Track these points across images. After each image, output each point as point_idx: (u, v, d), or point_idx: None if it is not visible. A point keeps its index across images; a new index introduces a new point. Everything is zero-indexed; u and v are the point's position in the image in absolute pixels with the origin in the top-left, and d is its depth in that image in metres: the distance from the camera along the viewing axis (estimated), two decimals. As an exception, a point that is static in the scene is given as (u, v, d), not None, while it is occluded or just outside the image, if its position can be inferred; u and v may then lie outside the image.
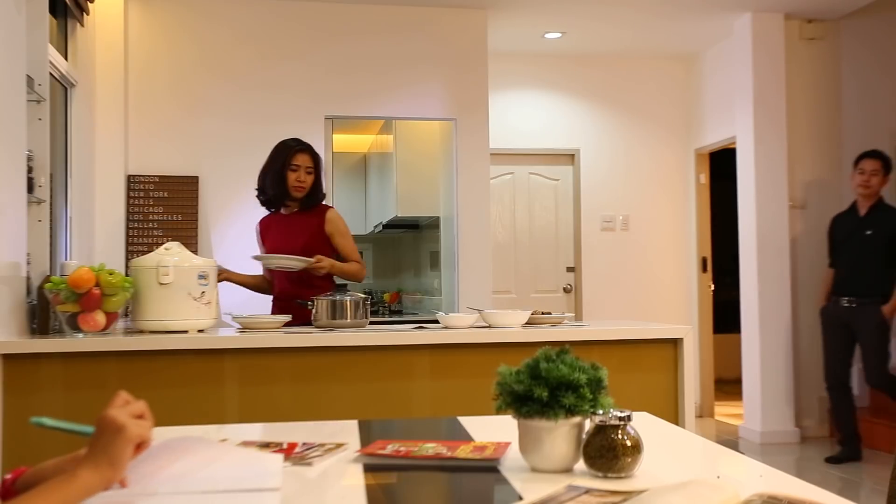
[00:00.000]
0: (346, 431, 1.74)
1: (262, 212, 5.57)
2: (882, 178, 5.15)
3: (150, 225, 5.26)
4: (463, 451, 1.42)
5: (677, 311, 6.98)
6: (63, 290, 2.65)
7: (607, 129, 6.99)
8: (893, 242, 5.09)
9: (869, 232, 5.12)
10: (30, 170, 3.24)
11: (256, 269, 5.40)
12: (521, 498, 1.18)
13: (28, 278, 3.00)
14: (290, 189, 3.52)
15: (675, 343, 2.96)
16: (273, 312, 3.52)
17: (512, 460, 1.37)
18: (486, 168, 5.78)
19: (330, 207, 3.68)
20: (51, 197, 3.66)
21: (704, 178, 6.98)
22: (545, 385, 1.29)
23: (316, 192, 3.59)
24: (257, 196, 3.65)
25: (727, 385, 7.62)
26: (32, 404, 2.58)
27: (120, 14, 5.20)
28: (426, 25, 5.73)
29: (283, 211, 3.61)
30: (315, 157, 3.59)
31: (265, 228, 3.64)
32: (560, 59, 6.88)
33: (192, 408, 2.66)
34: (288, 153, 3.54)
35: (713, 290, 7.00)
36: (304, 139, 5.51)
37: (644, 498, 1.08)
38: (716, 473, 1.25)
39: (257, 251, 5.41)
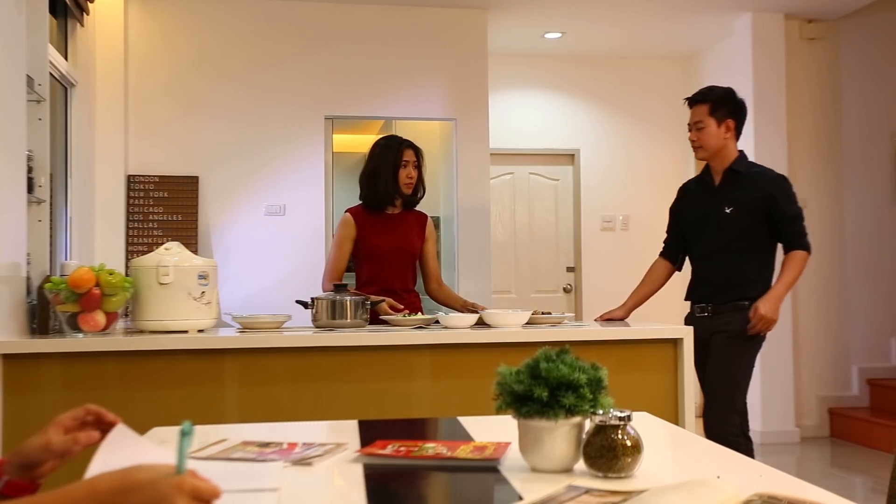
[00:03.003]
0: (346, 431, 1.74)
1: (263, 217, 5.62)
2: (715, 129, 3.45)
3: (150, 225, 5.27)
4: (463, 451, 1.42)
5: (677, 312, 6.96)
6: (63, 290, 2.65)
7: (607, 129, 6.99)
8: (769, 219, 3.40)
9: (728, 209, 3.42)
10: (30, 170, 3.24)
11: (257, 272, 5.42)
12: (521, 498, 1.18)
13: (28, 278, 3.00)
14: (402, 186, 3.45)
15: (675, 343, 2.96)
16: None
17: (512, 460, 1.37)
18: (486, 168, 5.78)
19: (425, 214, 3.65)
20: (51, 197, 3.66)
21: (704, 178, 6.97)
22: (545, 385, 1.29)
23: (419, 187, 3.55)
24: (361, 198, 3.55)
25: (727, 385, 7.61)
26: (32, 404, 2.58)
27: (120, 14, 5.20)
28: (426, 25, 5.73)
29: (387, 210, 3.52)
30: (418, 152, 3.53)
31: (362, 222, 3.48)
32: (560, 59, 6.88)
33: (192, 408, 2.66)
34: (398, 150, 3.46)
35: (713, 290, 6.99)
36: (304, 139, 5.58)
37: (644, 498, 1.08)
38: (716, 473, 1.25)
39: (263, 252, 5.43)
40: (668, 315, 7.02)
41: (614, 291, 7.26)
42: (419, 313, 3.16)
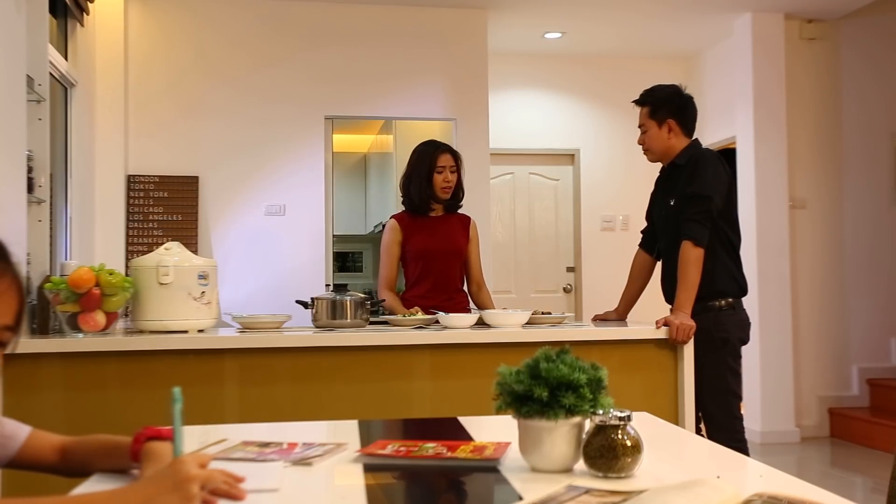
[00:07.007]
0: (346, 431, 1.74)
1: (263, 217, 5.62)
2: (657, 131, 3.24)
3: (150, 225, 5.26)
4: (463, 451, 1.42)
5: (677, 311, 6.97)
6: (63, 290, 2.65)
7: (607, 129, 6.99)
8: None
9: (673, 201, 3.21)
10: (30, 170, 3.24)
11: (257, 272, 5.42)
12: (521, 498, 1.18)
13: (28, 278, 3.00)
14: (438, 191, 3.47)
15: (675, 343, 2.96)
16: None
17: (512, 460, 1.37)
18: (486, 168, 5.78)
19: (469, 216, 3.66)
20: (51, 197, 3.66)
21: (704, 178, 6.96)
22: (545, 385, 1.29)
23: (459, 191, 3.56)
24: (403, 202, 3.58)
25: (727, 385, 7.61)
26: (32, 404, 2.58)
27: (120, 14, 5.20)
28: (426, 25, 5.73)
29: (430, 214, 3.55)
30: (456, 156, 3.53)
31: (407, 227, 3.52)
32: (560, 59, 6.88)
33: (192, 408, 2.64)
34: (433, 155, 3.47)
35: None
36: (304, 139, 5.59)
37: (644, 498, 1.08)
38: (716, 473, 1.25)
39: (263, 252, 5.42)
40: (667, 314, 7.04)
41: (614, 291, 7.23)
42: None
